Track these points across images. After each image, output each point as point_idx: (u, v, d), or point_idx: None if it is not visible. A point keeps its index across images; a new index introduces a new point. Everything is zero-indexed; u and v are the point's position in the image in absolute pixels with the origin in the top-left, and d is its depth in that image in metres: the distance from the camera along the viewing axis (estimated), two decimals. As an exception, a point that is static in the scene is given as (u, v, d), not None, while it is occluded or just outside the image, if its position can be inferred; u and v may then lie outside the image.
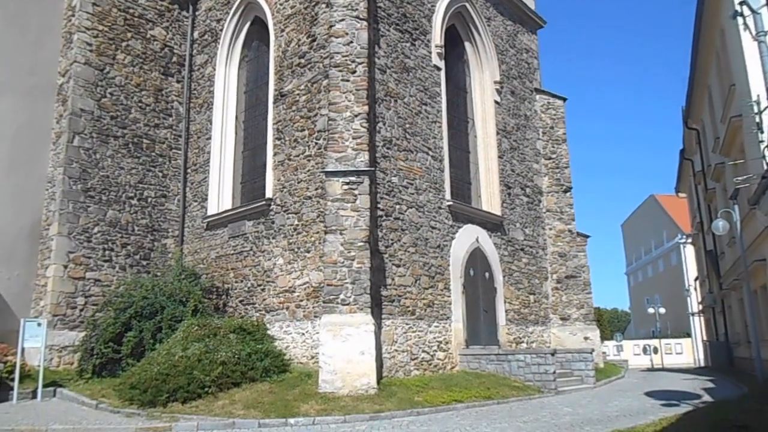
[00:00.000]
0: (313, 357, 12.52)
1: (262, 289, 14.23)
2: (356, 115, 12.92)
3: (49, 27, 16.51)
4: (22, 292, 14.93)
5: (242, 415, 9.96)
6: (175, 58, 18.08)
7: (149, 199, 16.73)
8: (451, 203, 15.73)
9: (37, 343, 12.89)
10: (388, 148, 14.15)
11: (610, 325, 56.89)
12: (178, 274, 14.62)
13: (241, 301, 14.76)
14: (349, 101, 13.02)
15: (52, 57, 16.42)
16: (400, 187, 14.26)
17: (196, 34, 18.45)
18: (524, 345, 17.46)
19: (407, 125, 14.89)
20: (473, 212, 16.78)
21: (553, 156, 20.25)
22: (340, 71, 13.21)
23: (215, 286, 15.21)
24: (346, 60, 13.26)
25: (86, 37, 16.13)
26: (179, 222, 17.15)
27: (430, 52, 16.29)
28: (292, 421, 9.75)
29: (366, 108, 13.03)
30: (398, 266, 13.75)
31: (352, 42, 13.40)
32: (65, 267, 14.73)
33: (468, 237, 16.21)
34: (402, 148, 14.58)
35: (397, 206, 14.07)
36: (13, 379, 12.39)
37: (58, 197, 15.01)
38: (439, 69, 16.49)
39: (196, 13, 18.65)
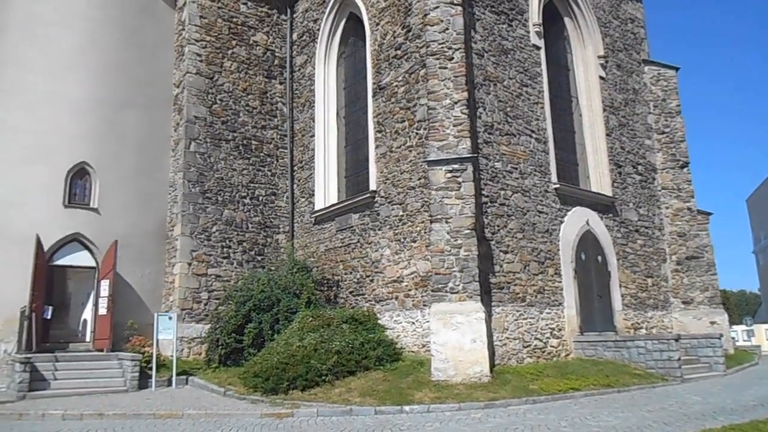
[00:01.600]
0: (424, 346, 12.63)
1: (371, 280, 14.53)
2: (456, 102, 12.81)
3: (163, 41, 17.72)
4: (153, 288, 16.22)
5: (359, 403, 10.25)
6: (276, 61, 18.79)
7: (260, 198, 17.56)
8: (557, 186, 15.23)
9: (169, 335, 14.00)
10: (489, 134, 13.93)
11: (738, 308, 52.83)
12: (291, 267, 15.24)
13: (351, 292, 15.15)
14: (448, 89, 12.93)
15: (167, 69, 17.62)
16: (504, 172, 14.00)
17: (294, 36, 19.05)
18: (643, 331, 16.61)
19: (508, 108, 14.57)
20: (582, 194, 16.15)
21: (667, 130, 19.00)
22: (437, 59, 13.15)
23: (326, 278, 15.71)
24: (442, 47, 13.18)
25: (196, 49, 17.14)
26: (289, 218, 17.87)
27: (528, 32, 15.79)
28: (407, 408, 9.90)
29: (465, 94, 12.89)
30: (506, 253, 13.52)
31: (447, 29, 13.29)
32: (189, 264, 15.81)
33: (577, 220, 15.63)
34: (504, 132, 14.29)
35: (502, 192, 13.83)
36: (151, 368, 13.53)
37: (180, 200, 16.12)
38: (538, 48, 15.96)
39: (294, 15, 19.25)
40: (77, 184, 15.60)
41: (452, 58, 13.09)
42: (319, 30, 17.81)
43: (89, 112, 15.85)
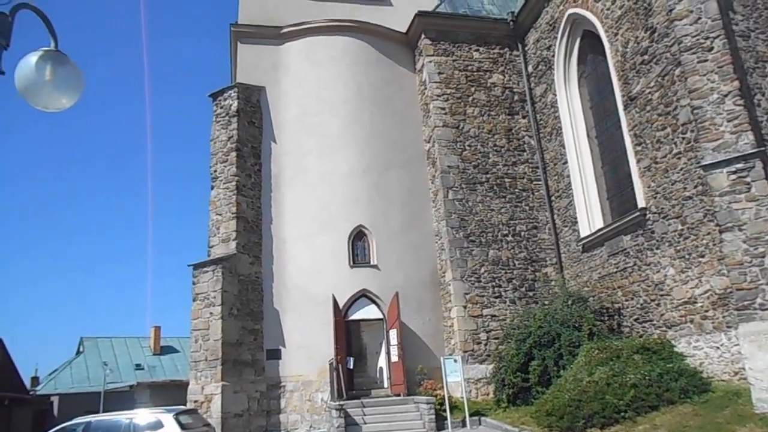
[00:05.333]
0: (736, 373, 11.05)
1: (657, 304, 13.33)
2: (725, 95, 11.39)
3: (410, 104, 19.25)
4: (434, 333, 17.14)
5: (670, 440, 9.34)
6: (516, 97, 18.96)
7: (522, 233, 17.57)
8: None
9: (456, 377, 14.55)
10: (775, 120, 12.01)
11: None
12: (566, 300, 14.81)
13: (636, 320, 14.08)
14: (713, 82, 11.59)
15: (417, 128, 19.03)
16: (803, 161, 11.86)
17: (530, 68, 19.06)
18: None
19: (795, 87, 12.43)
20: None
21: None
22: (694, 53, 11.93)
23: (604, 307, 14.88)
24: (697, 40, 11.94)
25: (439, 103, 18.23)
26: (554, 249, 17.48)
27: (805, -7, 13.44)
28: (731, 446, 8.71)
29: (736, 83, 11.39)
30: (826, 255, 11.28)
31: (699, 18, 12.03)
32: (464, 307, 16.39)
33: None
34: (795, 115, 12.19)
35: (806, 184, 11.68)
36: (444, 410, 14.16)
37: (446, 247, 16.95)
38: (822, 8, 13.45)
39: (525, 48, 19.32)
40: (358, 246, 17.46)
41: (712, 48, 11.76)
42: (553, 56, 17.56)
43: (358, 180, 17.80)
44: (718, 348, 11.64)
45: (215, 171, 17.79)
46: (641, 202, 13.80)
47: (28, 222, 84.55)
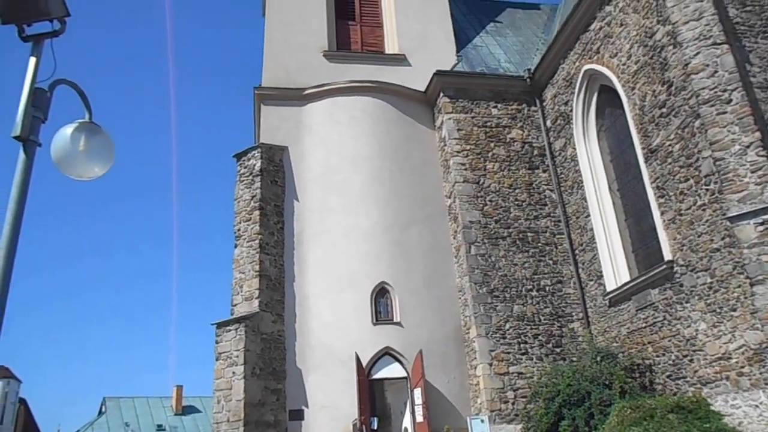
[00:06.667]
0: (778, 433, 10.57)
1: (690, 360, 12.91)
2: (747, 146, 11.39)
3: (430, 160, 19.44)
4: (460, 392, 16.72)
5: (711, 507, 8.87)
6: (536, 151, 19.08)
7: (546, 288, 17.31)
8: None
9: (484, 438, 14.12)
10: (800, 171, 11.89)
11: None
12: (594, 356, 14.43)
13: (668, 376, 13.63)
14: (734, 133, 11.62)
15: (437, 184, 19.15)
16: (833, 211, 11.65)
17: (548, 123, 19.25)
18: None
19: (818, 137, 12.36)
20: None
21: None
22: (712, 106, 12.01)
23: (635, 363, 14.44)
24: (715, 92, 12.05)
25: (459, 159, 18.40)
26: (580, 304, 17.16)
27: (821, 45, 13.52)
28: None
29: (757, 134, 11.40)
30: None
31: (716, 71, 12.18)
32: (490, 365, 16.02)
33: None
34: (820, 164, 12.06)
35: (838, 234, 11.44)
36: (473, 474, 13.67)
37: (470, 302, 16.75)
38: (839, 59, 13.49)
39: (543, 104, 19.57)
40: (380, 303, 17.33)
41: (730, 101, 11.84)
42: (571, 111, 17.75)
43: (380, 237, 17.84)
44: (756, 407, 11.18)
45: (239, 230, 18.00)
46: (667, 255, 13.59)
47: (51, 277, 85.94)
